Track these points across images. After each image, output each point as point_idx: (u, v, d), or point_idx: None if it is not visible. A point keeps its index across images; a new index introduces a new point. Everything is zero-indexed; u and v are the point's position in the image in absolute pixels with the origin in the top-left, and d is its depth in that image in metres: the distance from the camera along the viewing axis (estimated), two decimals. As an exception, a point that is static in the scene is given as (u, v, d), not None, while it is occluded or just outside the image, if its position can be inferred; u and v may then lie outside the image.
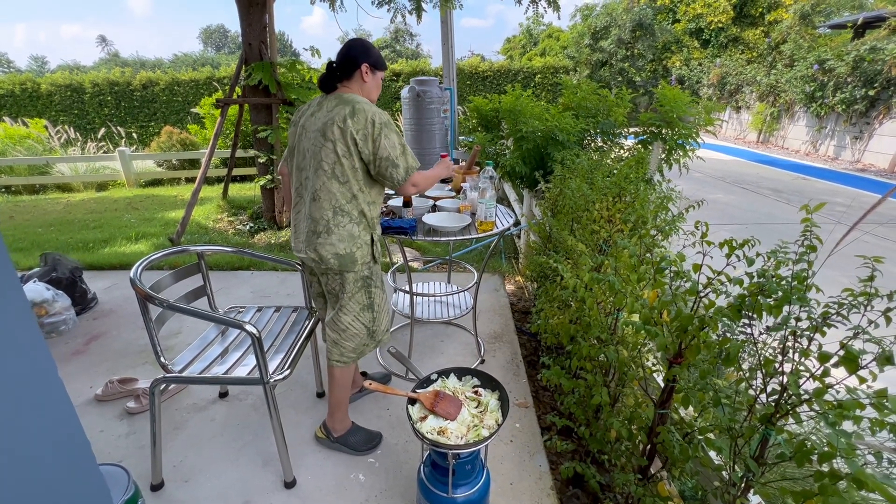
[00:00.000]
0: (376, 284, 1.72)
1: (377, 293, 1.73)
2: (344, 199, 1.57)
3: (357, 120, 1.50)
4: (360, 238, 1.61)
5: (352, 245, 1.60)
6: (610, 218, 1.87)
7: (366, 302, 1.70)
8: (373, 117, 1.51)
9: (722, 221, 5.46)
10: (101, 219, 5.41)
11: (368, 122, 1.50)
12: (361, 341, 1.75)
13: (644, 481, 1.35)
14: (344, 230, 1.58)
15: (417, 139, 5.86)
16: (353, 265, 1.62)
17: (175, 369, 1.58)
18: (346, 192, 1.57)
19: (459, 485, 1.30)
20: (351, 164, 1.54)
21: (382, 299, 1.77)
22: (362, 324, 1.72)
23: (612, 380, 1.58)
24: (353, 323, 1.70)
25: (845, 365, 0.83)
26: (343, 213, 1.58)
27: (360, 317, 1.71)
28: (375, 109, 1.54)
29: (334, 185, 1.55)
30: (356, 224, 1.60)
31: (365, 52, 1.60)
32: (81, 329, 2.81)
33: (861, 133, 9.71)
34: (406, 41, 37.54)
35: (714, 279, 1.07)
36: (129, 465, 1.73)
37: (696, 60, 15.88)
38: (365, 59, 1.60)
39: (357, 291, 1.67)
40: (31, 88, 13.30)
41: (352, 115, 1.50)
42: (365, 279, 1.68)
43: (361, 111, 1.50)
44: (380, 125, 1.51)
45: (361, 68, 1.60)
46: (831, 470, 0.85)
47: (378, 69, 1.65)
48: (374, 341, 1.81)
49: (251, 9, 4.28)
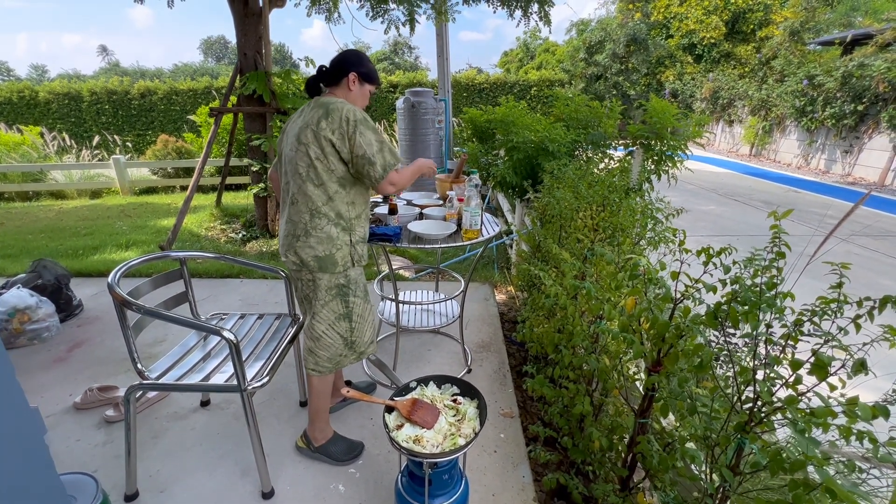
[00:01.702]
0: (355, 294, 1.68)
1: (356, 303, 1.68)
2: (320, 201, 1.55)
3: (331, 120, 1.48)
4: (339, 239, 1.59)
5: (331, 246, 1.58)
6: (594, 227, 1.88)
7: (342, 311, 1.66)
8: (347, 115, 1.49)
9: (714, 233, 5.49)
10: (92, 226, 5.39)
11: (343, 121, 1.48)
12: (337, 351, 1.70)
13: (625, 492, 1.33)
14: (322, 232, 1.56)
15: (412, 149, 5.90)
16: (334, 267, 1.59)
17: (152, 376, 1.56)
18: (321, 194, 1.55)
19: (437, 495, 1.27)
20: (326, 166, 1.52)
21: (365, 310, 1.72)
22: (338, 333, 1.67)
23: (595, 389, 1.57)
24: (326, 332, 1.66)
25: (816, 372, 0.83)
26: (320, 215, 1.56)
27: (336, 326, 1.67)
28: (350, 107, 1.51)
29: (310, 187, 1.54)
30: (334, 225, 1.58)
31: (357, 61, 1.60)
32: (65, 336, 2.77)
33: (851, 147, 9.85)
34: (405, 53, 38.04)
35: (691, 287, 1.07)
36: (104, 475, 1.71)
37: (690, 75, 16.13)
38: (355, 69, 1.60)
39: (331, 300, 1.64)
40: (29, 96, 13.33)
41: (325, 117, 1.48)
42: (340, 287, 1.64)
43: (335, 111, 1.48)
44: (354, 122, 1.49)
45: (349, 76, 1.60)
46: (805, 479, 0.84)
47: (367, 81, 1.64)
48: (353, 353, 1.76)
49: (246, 20, 4.33)
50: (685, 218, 1.97)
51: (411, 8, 5.09)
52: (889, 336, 0.79)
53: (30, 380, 2.32)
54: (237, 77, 4.54)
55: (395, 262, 4.11)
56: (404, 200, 2.53)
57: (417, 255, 4.28)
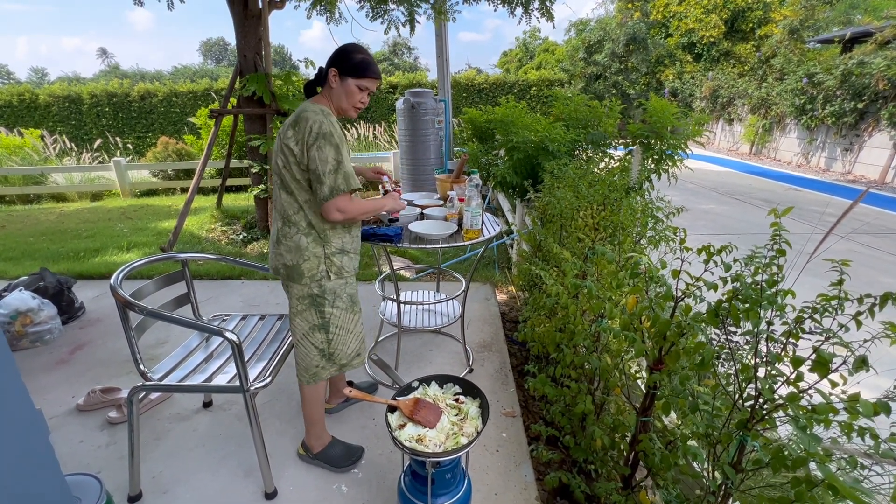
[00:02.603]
0: (333, 304, 1.60)
1: (334, 313, 1.61)
2: (291, 209, 1.52)
3: (298, 129, 1.43)
4: (307, 250, 1.53)
5: (298, 257, 1.52)
6: (595, 226, 1.88)
7: (316, 321, 1.60)
8: (312, 126, 1.41)
9: (714, 231, 5.48)
10: (93, 228, 5.40)
11: (307, 131, 1.42)
12: (313, 362, 1.65)
13: (627, 490, 1.33)
14: (291, 241, 1.53)
15: (412, 150, 5.90)
16: (300, 278, 1.54)
17: (154, 377, 1.56)
18: (292, 202, 1.51)
19: (439, 494, 1.28)
20: (292, 174, 1.48)
21: (348, 321, 1.65)
22: (312, 344, 1.62)
23: (596, 388, 1.57)
24: (301, 341, 1.62)
25: (817, 369, 0.83)
26: (291, 223, 1.53)
27: (310, 337, 1.61)
28: (320, 119, 1.42)
29: (283, 195, 1.52)
30: (304, 235, 1.53)
31: (339, 56, 1.50)
32: (67, 338, 2.78)
33: (851, 145, 9.84)
34: (404, 54, 38.07)
35: (692, 285, 1.07)
36: (107, 476, 1.72)
37: (689, 74, 16.13)
38: (334, 65, 1.51)
39: (304, 309, 1.59)
40: (29, 99, 13.36)
41: (294, 125, 1.44)
42: (314, 297, 1.58)
43: (304, 120, 1.43)
44: (316, 135, 1.41)
45: (329, 72, 1.52)
46: (807, 475, 0.84)
47: (349, 76, 1.50)
48: (332, 365, 1.69)
49: (246, 21, 4.34)
50: (685, 217, 1.97)
51: (411, 8, 5.10)
52: (890, 333, 0.79)
53: (32, 382, 2.32)
54: (237, 79, 4.55)
55: (397, 263, 4.11)
56: (405, 201, 2.54)
57: (418, 255, 4.29)
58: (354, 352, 1.72)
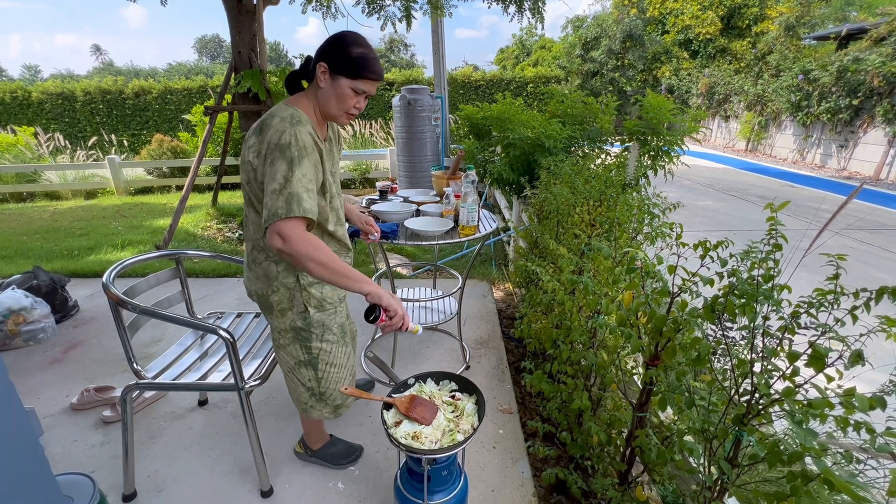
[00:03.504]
0: (322, 338, 1.39)
1: (323, 348, 1.41)
2: (258, 232, 1.29)
3: (261, 139, 1.18)
4: (276, 280, 1.32)
5: (266, 287, 1.33)
6: (591, 222, 1.88)
7: (302, 357, 1.42)
8: (272, 136, 1.16)
9: (711, 228, 5.50)
10: (87, 226, 5.36)
11: (267, 141, 1.17)
12: (302, 399, 1.50)
13: (624, 486, 1.33)
14: (259, 268, 1.33)
15: (409, 147, 5.88)
16: (269, 311, 1.37)
17: (148, 376, 1.55)
18: (260, 223, 1.24)
19: (436, 491, 1.27)
20: (255, 192, 1.23)
21: (340, 355, 1.46)
22: (299, 381, 1.46)
23: (593, 384, 1.57)
24: (287, 375, 1.48)
25: (813, 364, 0.83)
26: (260, 248, 1.32)
27: (296, 373, 1.45)
28: (284, 128, 1.16)
29: (251, 213, 1.30)
30: (274, 263, 1.31)
31: (331, 48, 1.20)
32: (61, 337, 2.76)
33: (846, 142, 9.88)
34: (400, 51, 37.93)
35: (689, 280, 1.07)
36: (102, 475, 1.71)
37: (686, 70, 16.14)
38: (325, 57, 1.20)
39: (288, 344, 1.41)
40: (22, 97, 13.23)
41: (258, 133, 1.20)
42: (297, 331, 1.38)
43: (267, 127, 1.18)
44: (272, 147, 1.15)
45: (318, 67, 1.21)
46: (803, 470, 0.84)
47: (342, 73, 1.20)
48: (325, 406, 1.51)
49: (240, 17, 4.31)
50: (682, 213, 1.97)
51: (407, 3, 5.07)
52: (885, 327, 0.79)
53: (26, 381, 2.30)
54: (232, 75, 4.52)
55: (393, 260, 4.10)
56: (401, 198, 2.53)
57: (415, 252, 4.28)
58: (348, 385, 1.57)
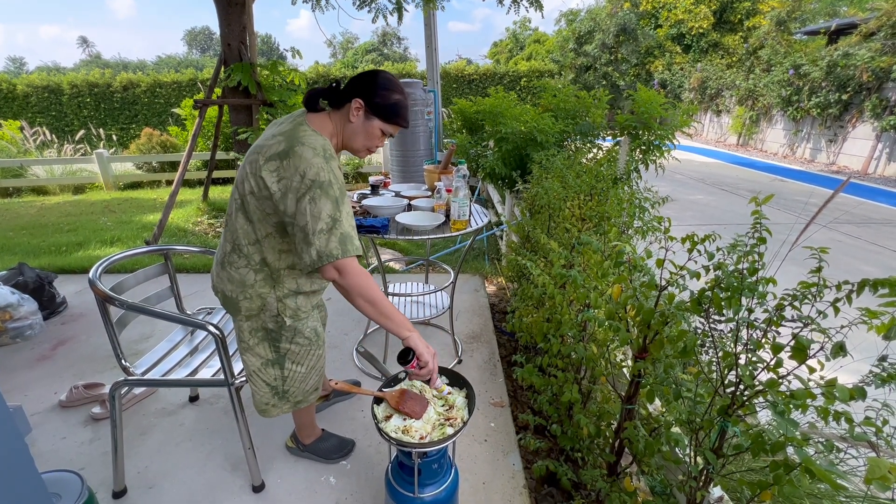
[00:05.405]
0: (292, 340, 1.40)
1: (292, 349, 1.41)
2: (246, 238, 1.29)
3: (285, 166, 1.15)
4: (252, 288, 1.32)
5: (240, 292, 1.32)
6: (582, 216, 1.88)
7: (270, 357, 1.41)
8: (305, 170, 1.14)
9: (701, 222, 5.54)
10: (76, 222, 5.29)
11: (297, 174, 1.14)
12: (263, 399, 1.48)
13: (613, 477, 1.35)
14: (236, 272, 1.32)
15: (401, 141, 5.85)
16: (237, 313, 1.37)
17: (137, 372, 1.54)
18: (250, 231, 1.27)
19: (426, 484, 1.28)
20: (259, 206, 1.23)
21: (309, 356, 1.45)
22: (263, 381, 1.44)
23: (583, 377, 1.59)
24: (251, 376, 1.44)
25: (796, 355, 0.84)
26: (241, 253, 1.30)
27: (262, 373, 1.43)
28: (319, 163, 1.15)
29: (240, 219, 1.28)
30: (254, 272, 1.31)
31: (370, 87, 1.25)
32: (49, 334, 2.73)
33: (835, 136, 9.99)
34: (393, 45, 37.64)
35: (676, 273, 1.08)
36: (91, 472, 1.70)
37: (678, 65, 16.19)
38: (363, 95, 1.25)
39: (257, 344, 1.40)
40: (6, 89, 12.97)
41: (281, 157, 1.16)
42: (268, 331, 1.39)
43: (297, 156, 1.15)
44: (310, 183, 1.14)
45: (353, 102, 1.25)
46: (785, 459, 0.86)
47: (377, 115, 1.26)
48: (285, 402, 1.50)
49: (230, 9, 4.24)
50: (672, 207, 1.98)
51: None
52: (867, 319, 0.80)
53: (13, 378, 2.28)
54: (222, 68, 4.46)
55: (385, 255, 4.10)
56: (392, 192, 2.52)
57: (407, 247, 4.27)
58: (312, 387, 1.55)
